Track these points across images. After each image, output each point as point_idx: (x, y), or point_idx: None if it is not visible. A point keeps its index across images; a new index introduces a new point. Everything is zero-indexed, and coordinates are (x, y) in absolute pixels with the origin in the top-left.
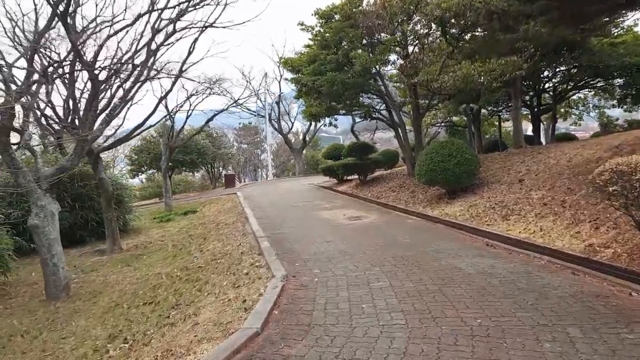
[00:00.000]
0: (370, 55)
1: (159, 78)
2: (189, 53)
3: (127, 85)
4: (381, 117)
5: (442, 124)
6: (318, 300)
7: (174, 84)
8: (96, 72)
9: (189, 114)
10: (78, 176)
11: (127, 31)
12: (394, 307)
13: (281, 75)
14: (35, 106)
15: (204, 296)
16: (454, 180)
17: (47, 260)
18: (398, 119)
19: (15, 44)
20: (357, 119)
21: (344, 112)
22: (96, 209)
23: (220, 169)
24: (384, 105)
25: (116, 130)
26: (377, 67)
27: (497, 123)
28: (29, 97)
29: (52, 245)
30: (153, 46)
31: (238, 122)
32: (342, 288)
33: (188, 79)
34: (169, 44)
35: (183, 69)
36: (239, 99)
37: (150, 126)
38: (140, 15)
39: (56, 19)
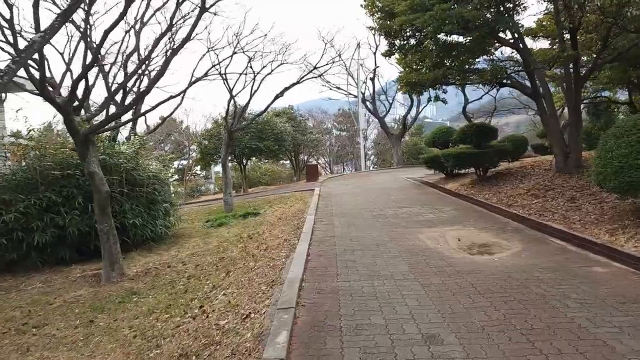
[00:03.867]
0: None
1: None
2: None
3: None
4: (515, 83)
5: (590, 101)
6: None
7: (195, 24)
8: None
9: (253, 90)
10: None
11: None
12: None
13: (376, 46)
14: None
15: None
16: None
17: None
18: (542, 86)
19: None
20: (474, 92)
21: (458, 78)
22: (117, 211)
23: (307, 157)
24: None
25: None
26: None
27: None
28: None
29: None
30: None
31: (337, 108)
32: None
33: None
34: None
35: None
36: (316, 67)
37: (172, 97)
38: None
39: None
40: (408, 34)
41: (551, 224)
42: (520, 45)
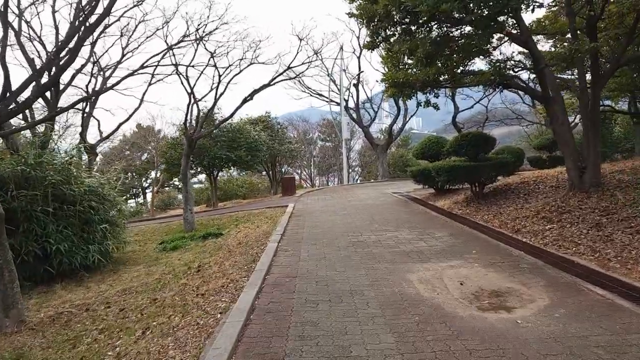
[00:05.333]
0: None
1: None
2: None
3: None
4: (520, 85)
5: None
6: None
7: None
8: None
9: (218, 92)
10: (12, 181)
11: None
12: None
13: (360, 50)
14: None
15: None
16: None
17: None
18: (553, 88)
19: None
20: (464, 101)
21: (453, 80)
22: (39, 234)
23: (286, 168)
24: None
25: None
26: None
27: None
28: None
29: None
30: None
31: (322, 118)
32: None
33: None
34: None
35: None
36: (290, 67)
37: (96, 92)
38: None
39: None
40: (396, 19)
41: (579, 260)
42: (528, 39)
